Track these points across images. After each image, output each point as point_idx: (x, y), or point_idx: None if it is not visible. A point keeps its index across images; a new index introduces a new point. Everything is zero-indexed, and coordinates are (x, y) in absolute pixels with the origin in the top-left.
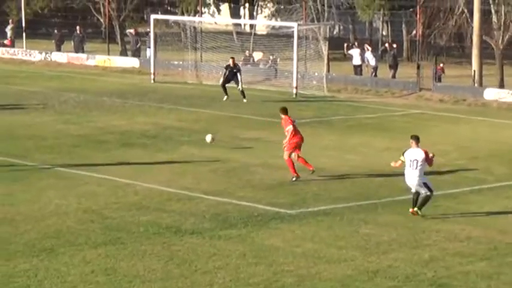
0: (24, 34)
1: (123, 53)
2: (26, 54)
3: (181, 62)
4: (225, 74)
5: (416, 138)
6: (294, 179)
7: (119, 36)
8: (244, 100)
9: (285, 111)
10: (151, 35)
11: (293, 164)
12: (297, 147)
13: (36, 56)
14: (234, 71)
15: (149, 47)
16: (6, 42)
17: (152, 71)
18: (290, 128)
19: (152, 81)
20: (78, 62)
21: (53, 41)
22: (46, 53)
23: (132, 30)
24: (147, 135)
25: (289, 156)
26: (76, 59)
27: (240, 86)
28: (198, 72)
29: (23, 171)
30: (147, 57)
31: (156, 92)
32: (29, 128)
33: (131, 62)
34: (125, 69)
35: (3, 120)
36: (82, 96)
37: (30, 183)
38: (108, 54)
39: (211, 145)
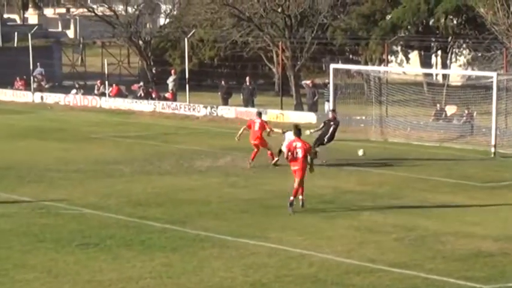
0: (187, 86)
1: (299, 107)
2: (189, 109)
3: (363, 117)
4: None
5: None
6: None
7: (293, 88)
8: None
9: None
10: (331, 86)
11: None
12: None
13: (200, 110)
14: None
15: (328, 101)
16: (167, 95)
17: None
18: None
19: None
20: (248, 117)
21: (219, 94)
22: (211, 108)
23: (308, 82)
24: (325, 200)
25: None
26: (245, 114)
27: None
28: (383, 128)
29: (183, 239)
30: (326, 111)
31: (334, 152)
32: (191, 192)
33: (307, 116)
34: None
35: (162, 183)
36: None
37: (192, 252)
38: (282, 108)
39: (397, 212)
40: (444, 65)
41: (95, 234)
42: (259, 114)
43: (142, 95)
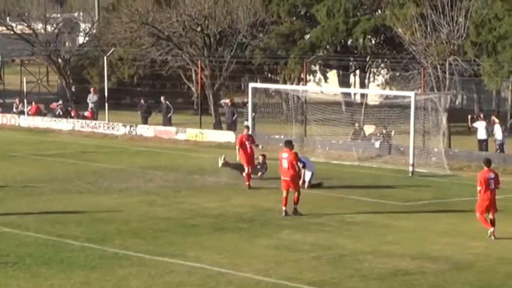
0: (106, 105)
1: (218, 125)
2: (108, 127)
3: (282, 136)
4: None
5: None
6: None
7: (212, 107)
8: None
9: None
10: (250, 105)
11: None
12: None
13: (119, 129)
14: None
15: (247, 120)
16: (86, 114)
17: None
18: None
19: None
20: (167, 136)
21: (139, 113)
22: (131, 126)
23: (227, 101)
24: (243, 218)
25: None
26: (164, 133)
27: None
28: (302, 147)
29: (102, 257)
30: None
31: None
32: (110, 210)
33: (226, 136)
34: (219, 144)
35: (82, 201)
36: (171, 174)
37: (110, 271)
38: (201, 127)
39: (316, 231)
40: (362, 85)
41: (13, 252)
42: (290, 143)
43: (61, 113)
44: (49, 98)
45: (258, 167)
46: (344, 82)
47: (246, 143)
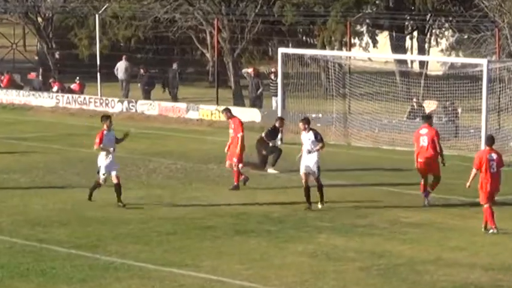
0: (98, 75)
1: (239, 101)
2: (100, 104)
3: (320, 115)
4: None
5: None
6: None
7: (232, 79)
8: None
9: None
10: (279, 76)
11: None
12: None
13: (115, 105)
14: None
15: (275, 94)
16: (73, 86)
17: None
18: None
19: (279, 141)
20: (175, 114)
21: (139, 85)
22: (129, 102)
23: (250, 70)
24: (271, 218)
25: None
26: (172, 111)
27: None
28: (346, 128)
29: (94, 268)
30: (273, 107)
31: (284, 159)
32: (103, 209)
33: (250, 114)
34: None
35: (68, 197)
36: (180, 163)
37: (105, 285)
38: (217, 103)
39: (362, 234)
40: (421, 50)
41: None
42: (428, 118)
43: (42, 86)
44: (26, 66)
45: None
46: (398, 47)
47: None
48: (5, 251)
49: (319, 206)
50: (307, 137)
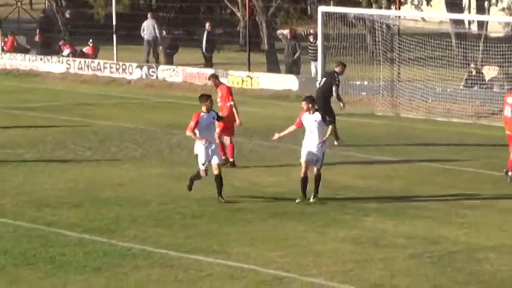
0: (114, 37)
1: (273, 67)
2: (117, 70)
3: (366, 83)
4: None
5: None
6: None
7: (265, 41)
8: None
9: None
10: (319, 38)
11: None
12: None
13: (133, 71)
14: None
15: (314, 59)
16: (86, 50)
17: None
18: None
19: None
20: (201, 81)
21: (160, 48)
22: (149, 68)
23: (286, 31)
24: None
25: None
26: (197, 77)
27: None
28: (394, 98)
29: (109, 255)
30: (312, 74)
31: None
32: (120, 188)
33: (286, 81)
34: (276, 93)
35: (80, 174)
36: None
37: (122, 274)
38: (249, 69)
39: (414, 217)
40: (480, 9)
41: None
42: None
43: (42, 48)
44: (33, 27)
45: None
46: (454, 5)
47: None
48: (8, 236)
49: (312, 199)
50: (312, 119)
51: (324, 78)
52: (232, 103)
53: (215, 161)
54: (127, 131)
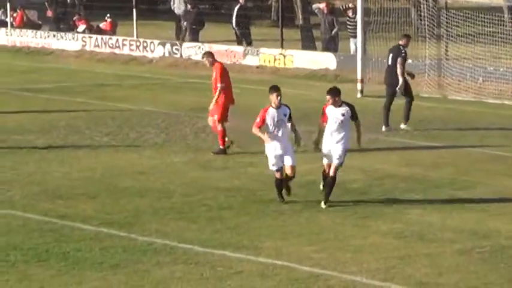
0: (134, 12)
1: (308, 43)
2: (137, 47)
3: (410, 61)
4: None
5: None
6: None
7: (300, 16)
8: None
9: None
10: (359, 12)
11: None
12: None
13: (155, 49)
14: None
15: (353, 36)
16: (103, 25)
17: (359, 75)
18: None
19: (359, 93)
20: (230, 60)
21: (185, 24)
22: (173, 45)
23: (323, 5)
24: (349, 189)
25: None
26: (225, 55)
27: None
28: (441, 78)
29: (128, 251)
30: (351, 51)
31: (364, 113)
32: (140, 177)
33: (322, 59)
34: (312, 73)
35: (96, 162)
36: (236, 120)
37: (142, 271)
38: (282, 46)
39: (462, 209)
40: None
41: None
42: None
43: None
44: (43, 1)
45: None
46: None
47: None
48: (18, 229)
49: (323, 205)
50: (338, 113)
51: (391, 54)
52: (221, 85)
53: (288, 161)
54: (148, 115)
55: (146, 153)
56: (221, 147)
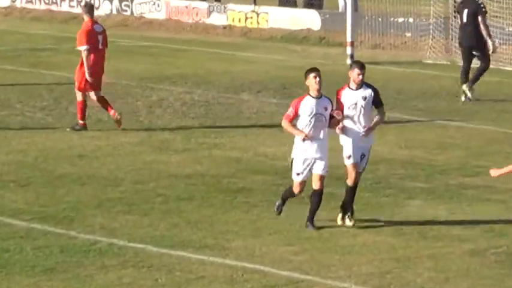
0: None
1: None
2: (78, 3)
3: (411, 20)
4: None
5: None
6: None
7: None
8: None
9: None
10: None
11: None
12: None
13: (100, 5)
14: None
15: None
16: None
17: (349, 38)
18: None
19: (349, 59)
20: (190, 18)
21: None
22: (121, 1)
23: None
24: (335, 176)
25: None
26: (186, 13)
27: None
28: (449, 40)
29: (68, 251)
30: (339, 8)
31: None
32: (82, 162)
33: (304, 18)
34: (291, 34)
35: (30, 144)
36: (197, 92)
37: (83, 276)
38: (255, 2)
39: (473, 200)
40: None
41: None
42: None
43: None
44: None
45: None
46: None
47: None
48: None
49: (349, 222)
50: (358, 96)
51: (465, 10)
52: (85, 47)
53: (318, 169)
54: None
55: (89, 134)
56: (80, 121)
